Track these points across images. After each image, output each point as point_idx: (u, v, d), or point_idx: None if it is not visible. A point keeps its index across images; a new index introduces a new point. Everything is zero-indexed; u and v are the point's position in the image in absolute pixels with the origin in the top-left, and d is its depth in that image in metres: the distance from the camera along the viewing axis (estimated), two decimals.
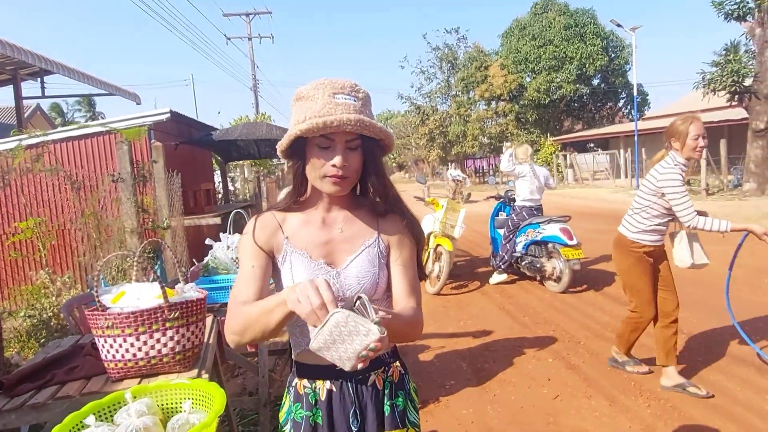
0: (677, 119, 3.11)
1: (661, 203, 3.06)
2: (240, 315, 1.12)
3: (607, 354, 3.88)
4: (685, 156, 3.03)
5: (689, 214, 2.95)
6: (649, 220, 3.14)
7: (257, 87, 26.97)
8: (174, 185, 5.84)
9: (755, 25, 14.57)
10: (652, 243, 3.20)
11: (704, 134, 3.00)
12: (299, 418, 1.29)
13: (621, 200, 16.55)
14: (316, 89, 1.14)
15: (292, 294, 0.97)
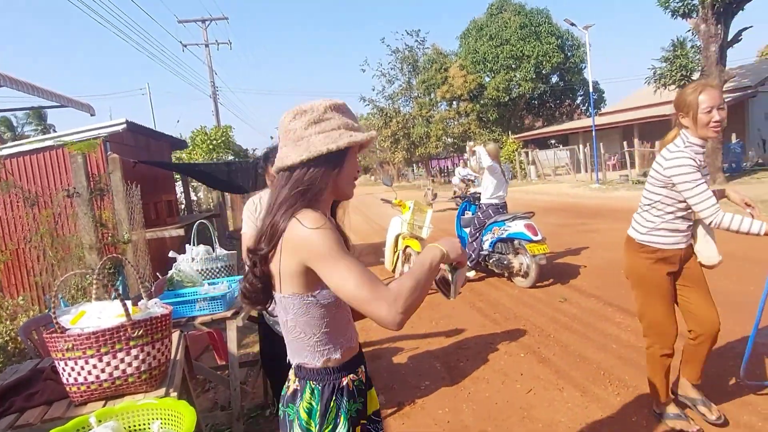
0: (687, 87, 2.49)
1: (675, 195, 2.42)
2: (407, 291, 1.12)
3: (577, 345, 3.97)
4: (698, 135, 2.39)
5: (709, 209, 2.29)
6: (661, 217, 2.50)
7: (217, 94, 26.49)
8: (133, 197, 5.68)
9: (700, 22, 15.22)
10: (668, 246, 2.52)
11: (720, 104, 2.34)
12: (355, 412, 1.30)
13: (582, 194, 17.01)
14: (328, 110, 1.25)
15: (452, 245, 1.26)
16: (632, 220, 2.69)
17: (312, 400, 1.25)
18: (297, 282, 1.20)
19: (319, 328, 1.24)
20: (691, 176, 2.31)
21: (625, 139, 22.79)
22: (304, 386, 1.27)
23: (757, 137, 21.45)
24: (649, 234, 2.54)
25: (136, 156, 7.02)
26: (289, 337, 1.29)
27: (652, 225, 2.52)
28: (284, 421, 1.31)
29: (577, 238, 8.53)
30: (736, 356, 3.46)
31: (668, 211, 2.48)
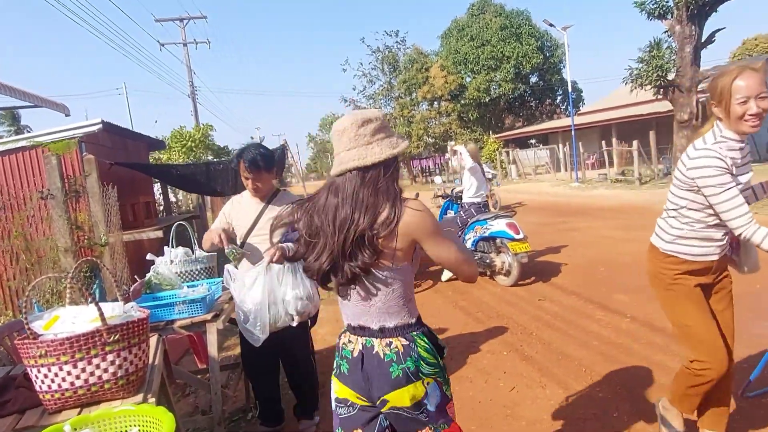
0: (723, 70, 2.08)
1: (703, 200, 2.01)
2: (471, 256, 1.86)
3: (559, 343, 4.00)
4: (732, 128, 1.97)
5: (738, 219, 1.90)
6: (690, 225, 2.11)
7: (195, 94, 26.15)
8: (110, 199, 5.56)
9: (675, 23, 15.52)
10: (698, 257, 2.14)
11: (762, 93, 1.90)
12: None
13: (562, 193, 17.22)
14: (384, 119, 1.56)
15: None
16: (656, 226, 2.32)
17: (425, 342, 1.55)
18: (406, 255, 1.50)
19: (411, 290, 1.60)
20: (718, 179, 1.91)
21: (603, 138, 23.14)
22: (412, 338, 1.53)
23: None
24: (676, 243, 2.17)
25: (112, 157, 6.87)
26: (390, 303, 1.53)
27: (678, 233, 2.15)
28: (405, 375, 1.49)
29: (558, 237, 8.62)
30: None
31: (697, 218, 2.08)
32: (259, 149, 2.83)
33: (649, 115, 20.59)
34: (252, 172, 2.76)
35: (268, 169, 2.81)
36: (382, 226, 1.42)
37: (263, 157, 2.77)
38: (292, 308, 2.67)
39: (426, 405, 1.55)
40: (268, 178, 2.85)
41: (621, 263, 6.25)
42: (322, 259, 1.50)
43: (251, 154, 2.76)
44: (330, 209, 1.49)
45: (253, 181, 2.80)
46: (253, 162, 2.74)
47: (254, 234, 2.92)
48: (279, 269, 2.71)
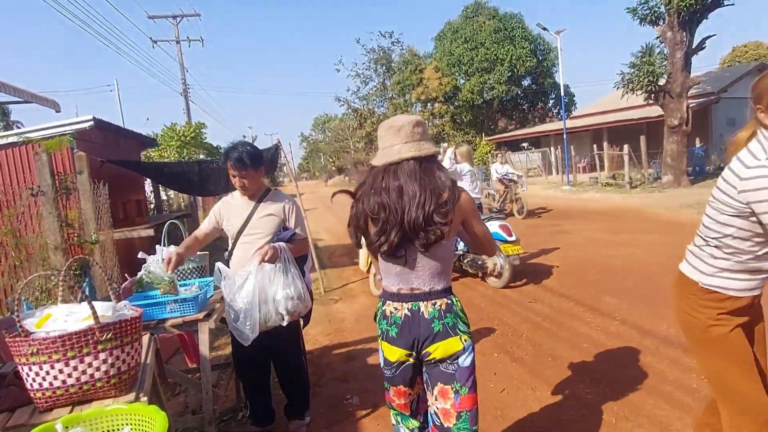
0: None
1: (753, 227, 1.65)
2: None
3: (549, 345, 4.03)
4: None
5: None
6: (737, 256, 1.72)
7: (188, 92, 26.02)
8: (101, 197, 5.52)
9: (666, 29, 15.68)
10: (745, 292, 1.76)
11: None
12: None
13: (553, 195, 17.33)
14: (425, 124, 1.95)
15: None
16: (687, 253, 1.95)
17: (458, 302, 1.89)
18: (454, 230, 1.82)
19: (452, 261, 1.97)
20: None
21: (594, 142, 23.30)
22: (450, 299, 1.86)
23: (719, 142, 22.19)
24: (719, 276, 1.77)
25: (103, 154, 6.83)
26: (440, 269, 1.84)
27: (723, 265, 1.76)
28: (445, 329, 1.81)
29: (549, 239, 8.67)
30: None
31: (744, 248, 1.70)
32: (245, 147, 2.82)
33: (640, 120, 20.77)
34: (238, 170, 2.76)
35: (255, 168, 2.80)
36: (447, 205, 1.71)
37: (250, 155, 2.77)
38: (283, 307, 2.67)
39: (459, 359, 1.84)
40: (255, 177, 2.84)
41: (611, 266, 6.30)
42: (392, 235, 1.74)
43: (238, 152, 2.76)
44: (393, 190, 1.74)
45: (240, 179, 2.80)
46: (239, 160, 2.73)
47: (246, 233, 2.91)
48: (270, 268, 2.72)
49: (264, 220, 2.92)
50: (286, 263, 2.77)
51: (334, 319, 5.35)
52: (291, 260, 2.79)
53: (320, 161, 73.67)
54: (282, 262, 2.75)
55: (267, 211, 2.94)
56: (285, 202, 2.99)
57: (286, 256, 2.77)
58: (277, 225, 2.94)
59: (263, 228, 2.91)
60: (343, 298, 6.23)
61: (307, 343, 4.65)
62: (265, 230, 2.91)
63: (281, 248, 2.77)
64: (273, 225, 2.93)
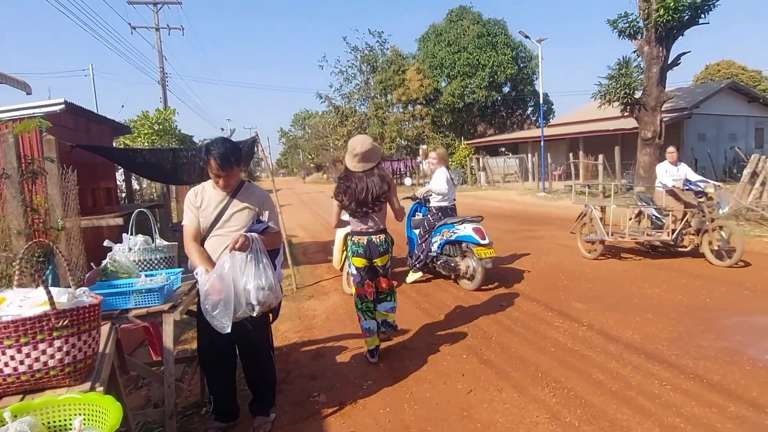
0: None
1: None
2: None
3: (517, 347, 4.07)
4: None
5: None
6: None
7: (165, 81, 25.53)
8: (69, 183, 5.35)
9: (644, 43, 16.04)
10: None
11: None
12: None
13: (529, 201, 17.54)
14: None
15: None
16: None
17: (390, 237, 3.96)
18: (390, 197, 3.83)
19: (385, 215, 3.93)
20: None
21: (571, 150, 23.69)
22: (387, 234, 3.92)
23: (690, 156, 22.81)
24: None
25: (74, 139, 6.62)
26: (383, 217, 3.89)
27: None
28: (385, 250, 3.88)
29: (523, 244, 8.77)
30: (664, 364, 3.65)
31: None
32: (227, 144, 2.78)
33: (615, 131, 21.20)
34: (223, 168, 2.70)
35: (237, 164, 2.77)
36: (388, 190, 3.76)
37: (234, 153, 2.74)
38: (254, 298, 2.64)
39: (388, 265, 3.96)
40: (235, 174, 2.82)
41: (580, 272, 6.40)
42: (352, 204, 3.75)
43: (221, 150, 2.70)
44: (364, 185, 3.72)
45: (225, 179, 2.76)
46: (224, 158, 2.68)
47: (219, 226, 2.86)
48: (241, 259, 2.68)
49: (238, 213, 2.88)
50: (257, 254, 2.73)
51: (304, 316, 5.30)
52: (263, 251, 2.76)
53: (299, 158, 73.15)
54: (253, 252, 2.71)
55: (241, 205, 2.89)
56: (259, 195, 2.95)
57: (258, 246, 2.73)
58: (251, 218, 2.90)
59: (237, 221, 2.86)
60: (315, 295, 6.19)
61: (276, 339, 4.60)
62: (239, 223, 2.86)
63: (253, 238, 2.73)
64: (247, 218, 2.88)
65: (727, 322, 4.40)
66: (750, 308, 4.72)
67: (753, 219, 10.07)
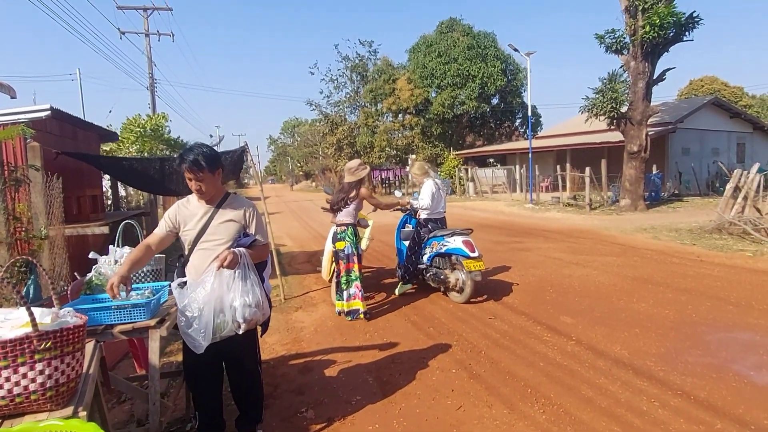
0: None
1: None
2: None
3: (507, 362, 4.06)
4: None
5: None
6: None
7: (154, 86, 25.35)
8: (53, 190, 5.26)
9: (630, 59, 16.29)
10: None
11: None
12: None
13: (517, 213, 17.64)
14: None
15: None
16: None
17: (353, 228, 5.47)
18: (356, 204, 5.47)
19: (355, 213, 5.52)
20: None
21: (558, 162, 23.94)
22: (350, 227, 5.45)
23: (674, 169, 23.17)
24: None
25: (60, 146, 6.53)
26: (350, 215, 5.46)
27: None
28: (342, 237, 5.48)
29: (511, 256, 8.80)
30: (653, 383, 3.65)
31: None
32: (201, 149, 2.72)
33: (601, 144, 21.46)
34: (194, 172, 2.66)
35: (212, 170, 2.71)
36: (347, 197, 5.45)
37: (206, 157, 2.67)
38: (240, 315, 2.59)
39: (346, 251, 5.44)
40: (212, 180, 2.75)
41: (568, 286, 6.43)
42: (333, 206, 5.52)
43: (193, 154, 2.66)
44: (340, 191, 5.55)
45: (196, 182, 2.70)
46: (194, 162, 2.64)
47: (204, 240, 2.81)
48: (229, 275, 2.63)
49: (223, 225, 2.83)
50: (245, 269, 2.69)
51: (292, 329, 5.25)
52: (251, 266, 2.72)
53: (288, 165, 72.90)
54: (241, 268, 2.67)
55: (227, 217, 2.85)
56: (245, 207, 2.90)
57: (246, 262, 2.70)
58: (237, 231, 2.85)
59: (222, 234, 2.82)
60: (303, 306, 6.13)
61: (263, 352, 4.54)
62: (225, 236, 2.82)
63: (241, 254, 2.69)
64: (233, 231, 2.84)
65: (713, 337, 4.44)
66: (734, 323, 4.77)
67: (735, 233, 10.20)
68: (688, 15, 15.21)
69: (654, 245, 9.59)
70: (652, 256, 8.38)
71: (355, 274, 5.44)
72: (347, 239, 5.42)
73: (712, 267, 7.30)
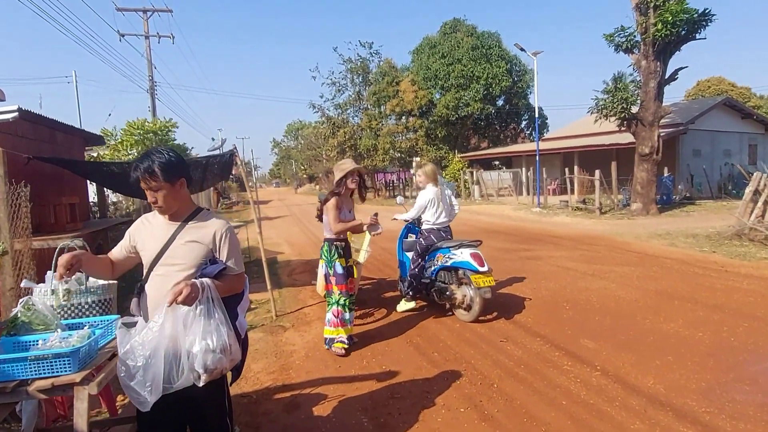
0: None
1: None
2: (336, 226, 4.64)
3: (523, 399, 3.52)
4: None
5: None
6: None
7: (154, 89, 24.96)
8: (19, 199, 4.77)
9: (641, 58, 15.72)
10: None
11: None
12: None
13: (524, 217, 17.08)
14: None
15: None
16: None
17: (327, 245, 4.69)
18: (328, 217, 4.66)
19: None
20: None
21: (565, 165, 23.35)
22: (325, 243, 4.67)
23: (686, 172, 22.56)
24: None
25: (35, 150, 6.05)
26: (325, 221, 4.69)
27: None
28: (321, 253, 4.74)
29: (521, 265, 8.26)
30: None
31: None
32: (159, 154, 2.22)
33: (611, 146, 20.86)
34: (146, 181, 2.18)
35: (169, 179, 2.21)
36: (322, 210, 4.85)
37: (162, 165, 2.18)
38: (200, 364, 2.07)
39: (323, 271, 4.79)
40: (173, 192, 2.24)
41: (586, 301, 5.88)
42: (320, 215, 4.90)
43: (148, 161, 2.17)
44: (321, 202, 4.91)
45: (151, 192, 2.21)
46: (148, 170, 2.15)
47: (162, 263, 2.30)
48: (187, 312, 2.13)
49: (186, 247, 2.31)
50: (209, 305, 2.18)
51: (281, 353, 4.72)
52: (216, 302, 2.20)
53: (291, 168, 72.50)
54: (204, 303, 2.16)
55: (191, 237, 2.33)
56: (216, 227, 2.38)
57: (211, 296, 2.18)
58: (203, 256, 2.33)
59: (184, 258, 2.30)
60: (295, 325, 5.61)
61: (246, 383, 4.02)
62: (187, 261, 2.30)
63: (205, 286, 2.18)
64: (197, 255, 2.32)
65: (758, 367, 3.88)
66: None
67: (757, 239, 9.62)
68: (701, 12, 14.64)
69: (672, 253, 9.02)
70: (672, 266, 7.82)
71: (335, 297, 4.64)
72: (323, 256, 4.73)
73: (741, 279, 6.73)
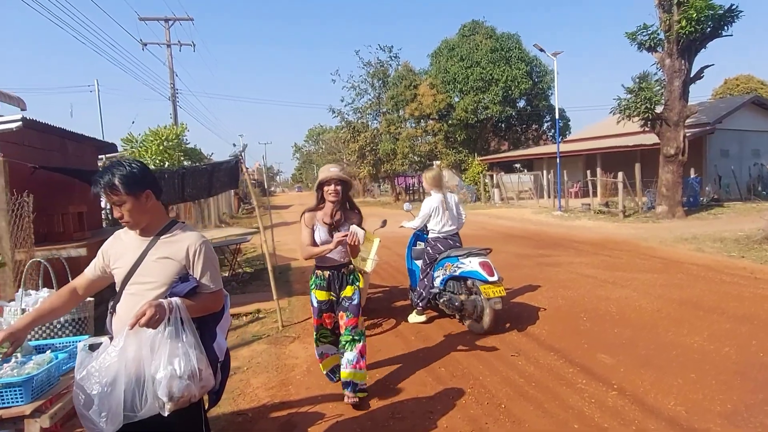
0: None
1: None
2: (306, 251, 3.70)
3: (532, 422, 3.29)
4: None
5: None
6: None
7: (176, 97, 25.30)
8: (22, 209, 4.74)
9: (665, 56, 15.24)
10: None
11: None
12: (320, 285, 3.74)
13: (544, 221, 16.69)
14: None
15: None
16: None
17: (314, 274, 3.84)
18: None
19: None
20: None
21: (588, 167, 22.81)
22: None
23: (713, 173, 21.81)
24: None
25: (43, 160, 6.06)
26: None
27: None
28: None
29: (537, 272, 7.97)
30: None
31: None
32: (120, 166, 2.09)
33: (634, 147, 20.29)
34: (108, 195, 2.06)
35: (132, 193, 2.07)
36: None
37: (123, 178, 2.05)
38: (164, 391, 1.92)
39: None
40: (138, 206, 2.11)
41: (605, 312, 5.59)
42: None
43: (108, 174, 2.05)
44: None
45: (116, 208, 2.08)
46: (108, 184, 2.03)
47: (133, 282, 2.16)
48: (153, 335, 1.98)
49: (158, 264, 2.17)
50: (177, 326, 2.03)
51: (283, 366, 4.56)
52: (187, 323, 2.05)
53: (313, 172, 72.89)
54: (173, 324, 2.01)
55: (163, 253, 2.19)
56: (190, 241, 2.23)
57: (180, 316, 2.04)
58: (176, 272, 2.18)
59: (156, 275, 2.16)
60: (301, 336, 5.45)
61: (244, 399, 3.88)
62: (159, 278, 2.16)
63: (173, 306, 2.03)
64: (169, 272, 2.17)
65: None
66: None
67: None
68: (726, 8, 14.12)
69: (699, 259, 8.62)
70: (698, 273, 7.45)
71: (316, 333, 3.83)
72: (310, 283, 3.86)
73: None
